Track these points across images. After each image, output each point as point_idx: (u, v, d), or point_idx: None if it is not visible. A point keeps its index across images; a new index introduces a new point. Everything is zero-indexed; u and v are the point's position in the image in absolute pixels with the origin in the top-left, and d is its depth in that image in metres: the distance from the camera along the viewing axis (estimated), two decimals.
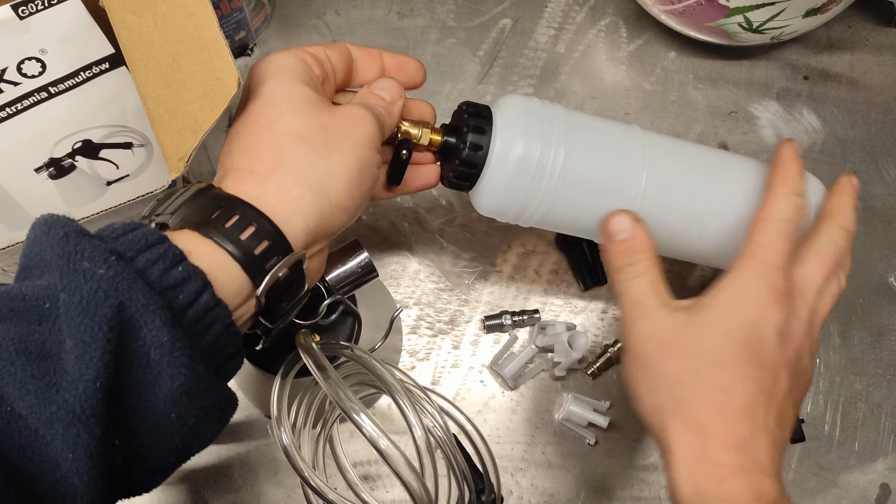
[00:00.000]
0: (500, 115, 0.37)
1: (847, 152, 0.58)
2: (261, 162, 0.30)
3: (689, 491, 0.32)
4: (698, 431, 0.32)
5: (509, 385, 0.51)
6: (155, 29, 0.33)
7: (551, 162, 0.36)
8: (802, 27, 0.54)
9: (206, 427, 0.28)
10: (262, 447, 0.50)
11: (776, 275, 0.34)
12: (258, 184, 0.30)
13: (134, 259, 0.26)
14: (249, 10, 0.56)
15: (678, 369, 0.33)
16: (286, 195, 0.30)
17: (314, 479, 0.34)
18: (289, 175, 0.30)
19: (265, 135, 0.31)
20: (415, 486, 0.32)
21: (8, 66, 0.37)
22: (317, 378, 0.34)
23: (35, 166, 0.42)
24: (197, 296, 0.27)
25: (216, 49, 0.32)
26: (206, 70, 0.32)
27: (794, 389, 0.34)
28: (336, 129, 0.32)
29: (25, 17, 0.36)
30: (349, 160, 0.31)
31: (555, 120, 0.37)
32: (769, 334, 0.33)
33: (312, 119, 0.32)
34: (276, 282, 0.29)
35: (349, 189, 0.31)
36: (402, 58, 0.39)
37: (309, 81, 0.33)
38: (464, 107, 0.38)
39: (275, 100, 0.32)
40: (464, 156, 0.36)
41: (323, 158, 0.31)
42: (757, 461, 0.32)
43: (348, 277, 0.38)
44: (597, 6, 0.61)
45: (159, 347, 0.25)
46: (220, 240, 0.28)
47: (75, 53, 0.38)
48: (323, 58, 0.35)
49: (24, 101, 0.39)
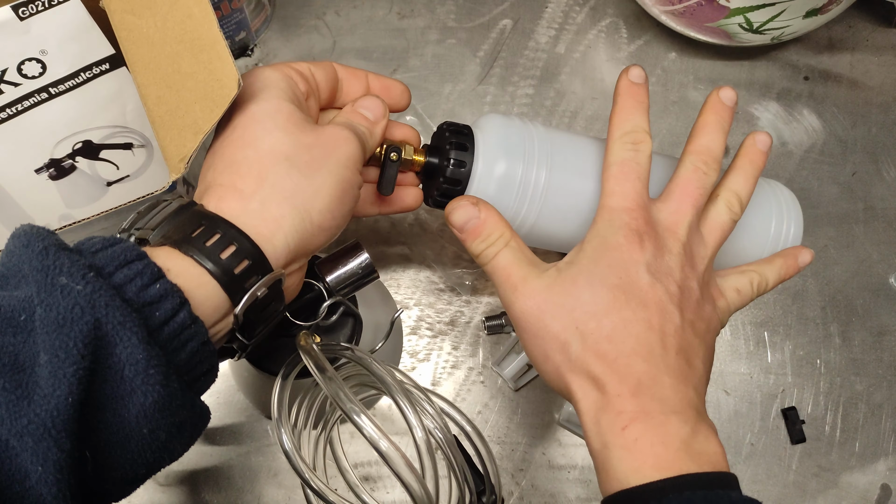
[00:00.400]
0: (482, 134, 0.37)
1: (847, 152, 0.58)
2: (244, 179, 0.30)
3: (597, 444, 0.31)
4: (596, 384, 0.31)
5: (510, 386, 0.51)
6: (155, 30, 0.33)
7: (534, 180, 0.36)
8: (803, 28, 0.54)
9: (177, 441, 0.28)
10: (262, 448, 0.50)
11: (630, 215, 0.33)
12: (241, 202, 0.30)
13: (112, 275, 0.26)
14: (250, 10, 0.56)
15: (561, 329, 0.32)
16: (268, 214, 0.30)
17: (315, 481, 0.34)
18: (272, 194, 0.30)
19: (249, 151, 0.31)
20: (415, 487, 0.32)
21: (8, 66, 0.37)
22: (317, 379, 0.34)
23: (35, 167, 0.42)
24: (174, 313, 0.27)
25: (216, 50, 0.32)
26: (206, 71, 0.32)
27: (696, 322, 0.33)
28: (320, 150, 0.32)
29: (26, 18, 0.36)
30: (332, 181, 0.32)
31: (535, 139, 0.37)
32: (640, 273, 0.32)
33: (297, 138, 0.32)
34: (255, 300, 0.30)
35: (331, 209, 0.32)
36: (387, 80, 0.39)
37: (294, 99, 0.33)
38: (444, 126, 0.38)
39: (260, 116, 0.32)
40: (448, 173, 0.36)
41: (306, 178, 0.31)
42: (662, 400, 0.31)
43: (349, 279, 0.38)
44: (597, 7, 0.61)
45: (134, 365, 0.25)
46: (200, 258, 0.28)
47: (76, 54, 0.38)
48: (308, 75, 0.35)
49: (25, 101, 0.39)
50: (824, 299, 0.54)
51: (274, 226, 0.30)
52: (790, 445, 0.51)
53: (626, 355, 0.31)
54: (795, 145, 0.58)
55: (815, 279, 0.55)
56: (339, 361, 0.39)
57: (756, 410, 0.52)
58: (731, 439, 0.51)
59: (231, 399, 0.51)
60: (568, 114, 0.58)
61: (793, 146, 0.58)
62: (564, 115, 0.58)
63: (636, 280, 0.32)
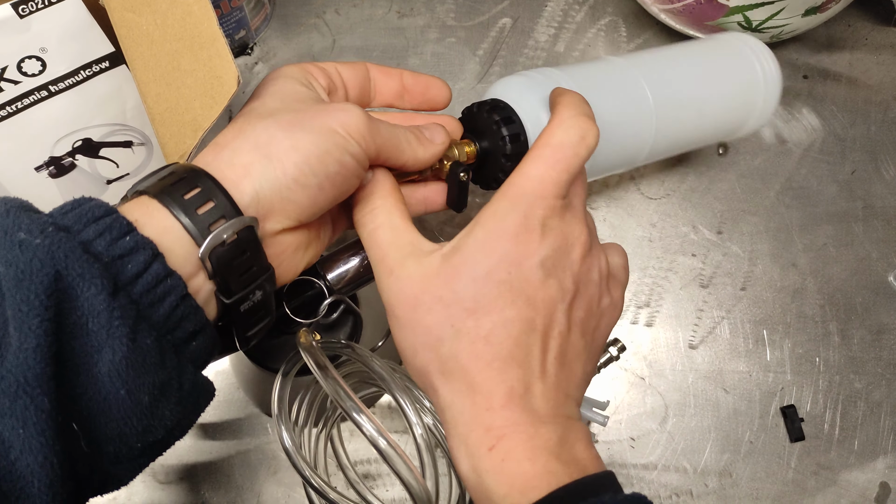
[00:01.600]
0: (513, 99, 0.37)
1: (846, 151, 0.58)
2: (224, 136, 0.30)
3: (466, 469, 0.28)
4: (467, 392, 0.29)
5: None
6: (155, 27, 0.33)
7: None
8: (802, 26, 0.54)
9: (164, 407, 0.27)
10: (262, 445, 0.50)
11: (542, 204, 0.30)
12: (214, 154, 0.30)
13: (80, 232, 0.26)
14: (249, 9, 0.56)
15: (435, 324, 0.29)
16: (237, 160, 0.29)
17: (315, 478, 0.34)
18: (244, 143, 0.29)
19: (240, 118, 0.31)
20: (414, 485, 0.32)
21: (8, 64, 0.37)
22: (317, 377, 0.34)
23: (35, 165, 0.42)
24: (146, 266, 0.26)
25: (216, 47, 0.32)
26: (205, 68, 0.32)
27: (587, 320, 0.31)
28: (311, 114, 0.30)
29: (26, 16, 0.36)
30: (313, 137, 0.29)
31: (561, 80, 0.38)
32: (533, 269, 0.29)
33: (289, 104, 0.31)
34: (223, 245, 0.28)
35: (309, 164, 0.29)
36: (425, 78, 0.37)
37: (307, 85, 0.33)
38: (474, 108, 0.37)
39: (265, 94, 0.32)
40: (508, 150, 0.35)
41: (284, 132, 0.29)
42: (532, 410, 0.28)
43: (350, 276, 0.38)
44: (596, 5, 0.61)
45: (96, 317, 0.25)
46: (166, 200, 0.27)
47: (75, 52, 0.38)
48: (332, 72, 0.35)
49: (25, 99, 0.39)
50: (823, 297, 0.54)
51: (241, 171, 0.29)
52: (789, 443, 0.51)
53: (502, 359, 0.28)
54: (795, 144, 0.58)
55: (814, 277, 0.55)
56: (339, 359, 0.39)
57: (755, 408, 0.52)
58: (730, 437, 0.51)
59: (231, 396, 0.51)
60: None
61: (792, 145, 0.58)
62: None
63: (528, 276, 0.29)
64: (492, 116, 0.36)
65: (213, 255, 0.28)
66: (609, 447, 0.51)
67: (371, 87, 0.37)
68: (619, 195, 0.56)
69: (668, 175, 0.57)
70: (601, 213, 0.56)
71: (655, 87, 0.40)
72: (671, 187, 0.57)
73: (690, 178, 0.57)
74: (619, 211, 0.56)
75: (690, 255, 0.55)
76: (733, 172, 0.57)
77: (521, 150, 0.35)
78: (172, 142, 0.32)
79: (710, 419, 0.51)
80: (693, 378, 0.52)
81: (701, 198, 0.56)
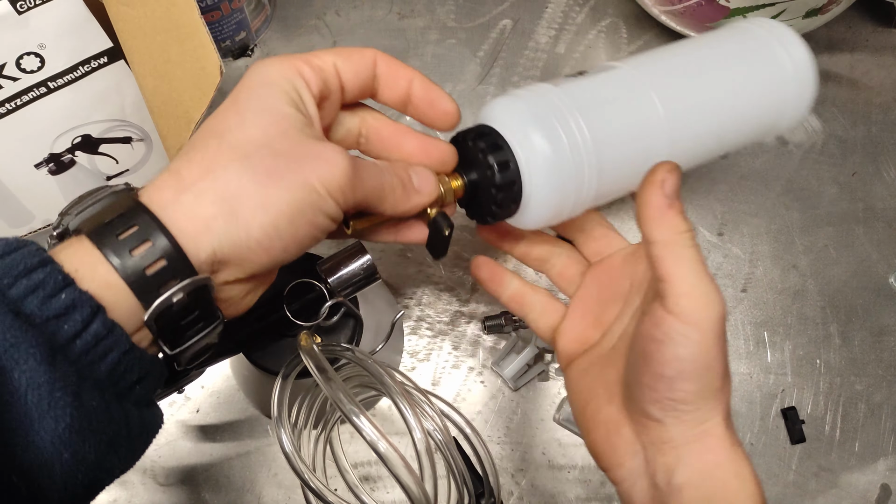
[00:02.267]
0: (501, 124, 0.33)
1: (847, 152, 0.58)
2: (190, 168, 0.27)
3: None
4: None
5: (510, 386, 0.51)
6: (146, 20, 0.33)
7: (578, 136, 0.32)
8: (802, 28, 0.54)
9: (113, 458, 0.25)
10: (262, 447, 0.50)
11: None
12: (175, 192, 0.26)
13: (11, 287, 0.23)
14: (250, 10, 0.55)
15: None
16: (199, 211, 0.26)
17: (314, 481, 0.34)
18: (210, 190, 0.26)
19: (213, 141, 0.27)
20: (413, 489, 0.32)
21: (7, 61, 0.37)
22: (317, 380, 0.33)
23: (35, 162, 0.42)
24: (85, 325, 0.24)
25: (198, 37, 0.32)
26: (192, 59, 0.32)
27: None
28: (290, 161, 0.27)
29: (24, 12, 0.36)
30: (288, 197, 0.26)
31: (551, 96, 0.34)
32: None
33: (271, 142, 0.27)
34: (171, 307, 0.26)
35: (276, 228, 0.26)
36: (436, 92, 0.32)
37: (296, 101, 0.28)
38: (460, 137, 0.34)
39: (245, 109, 0.28)
40: (497, 181, 0.32)
41: (257, 185, 0.26)
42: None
43: (351, 280, 0.38)
44: (597, 7, 0.61)
45: (36, 389, 0.23)
46: (109, 253, 0.25)
47: (74, 48, 0.38)
48: (329, 72, 0.30)
49: (24, 96, 0.39)
50: (824, 299, 0.54)
51: (201, 226, 0.26)
52: (790, 445, 0.51)
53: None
54: (795, 145, 0.58)
55: (814, 279, 0.55)
56: (339, 362, 0.39)
57: (756, 410, 0.52)
58: None
59: (231, 398, 0.51)
60: None
61: (793, 146, 0.58)
62: None
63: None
64: (477, 144, 0.33)
65: (160, 318, 0.26)
66: None
67: (374, 84, 0.32)
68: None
69: None
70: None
71: (666, 98, 0.35)
72: None
73: (691, 179, 0.57)
74: (619, 213, 0.56)
75: None
76: (734, 174, 0.57)
77: (511, 179, 0.32)
78: (171, 134, 0.32)
79: None
80: None
81: (701, 199, 0.56)
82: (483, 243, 0.54)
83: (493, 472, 0.39)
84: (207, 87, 0.31)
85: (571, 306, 0.36)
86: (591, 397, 0.33)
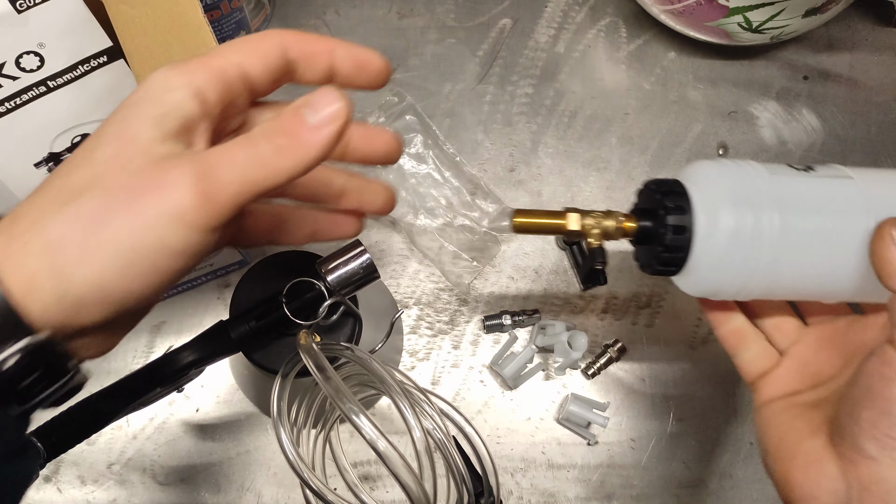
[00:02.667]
0: (696, 187, 0.33)
1: (847, 152, 0.58)
2: (28, 212, 0.24)
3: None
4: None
5: (509, 385, 0.51)
6: (147, 19, 0.33)
7: (767, 225, 0.31)
8: (802, 27, 0.54)
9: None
10: (261, 447, 0.50)
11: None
12: (7, 241, 0.24)
13: None
14: (249, 9, 0.55)
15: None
16: (24, 265, 0.23)
17: (313, 480, 0.34)
18: (35, 241, 0.23)
19: (57, 180, 0.24)
20: (413, 488, 0.32)
21: (6, 60, 0.37)
22: (317, 379, 0.33)
23: (34, 161, 0.42)
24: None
25: (201, 36, 0.32)
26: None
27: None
28: (125, 199, 0.23)
29: (23, 11, 0.36)
30: (116, 243, 0.23)
31: (756, 178, 0.32)
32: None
33: (110, 177, 0.24)
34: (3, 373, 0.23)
35: (105, 280, 0.23)
36: (362, 53, 0.28)
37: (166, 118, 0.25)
38: (652, 186, 0.34)
39: (101, 135, 0.25)
40: (667, 240, 0.32)
41: (82, 233, 0.23)
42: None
43: (350, 279, 0.38)
44: (596, 6, 0.61)
45: None
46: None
47: (73, 47, 0.38)
48: (231, 73, 0.26)
49: (23, 95, 0.39)
50: None
51: (27, 283, 0.23)
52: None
53: None
54: (795, 145, 0.58)
55: None
56: (338, 361, 0.39)
57: None
58: (730, 438, 0.51)
59: (230, 397, 0.51)
60: (567, 113, 0.58)
61: (792, 145, 0.58)
62: (564, 115, 0.58)
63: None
64: (663, 200, 0.33)
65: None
66: (609, 448, 0.50)
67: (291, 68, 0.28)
68: (620, 196, 0.56)
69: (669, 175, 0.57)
70: None
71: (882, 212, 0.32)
72: None
73: None
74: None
75: None
76: None
77: (680, 245, 0.32)
78: None
79: (710, 420, 0.51)
80: (693, 379, 0.52)
81: None
82: (480, 243, 0.54)
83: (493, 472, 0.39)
84: None
85: (788, 359, 0.36)
86: (790, 431, 0.33)
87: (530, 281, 0.54)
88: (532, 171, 0.57)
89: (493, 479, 0.38)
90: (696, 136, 0.58)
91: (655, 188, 0.33)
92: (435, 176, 0.55)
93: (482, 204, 0.55)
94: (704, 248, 0.32)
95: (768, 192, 0.32)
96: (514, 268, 0.54)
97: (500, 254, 0.54)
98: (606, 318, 0.53)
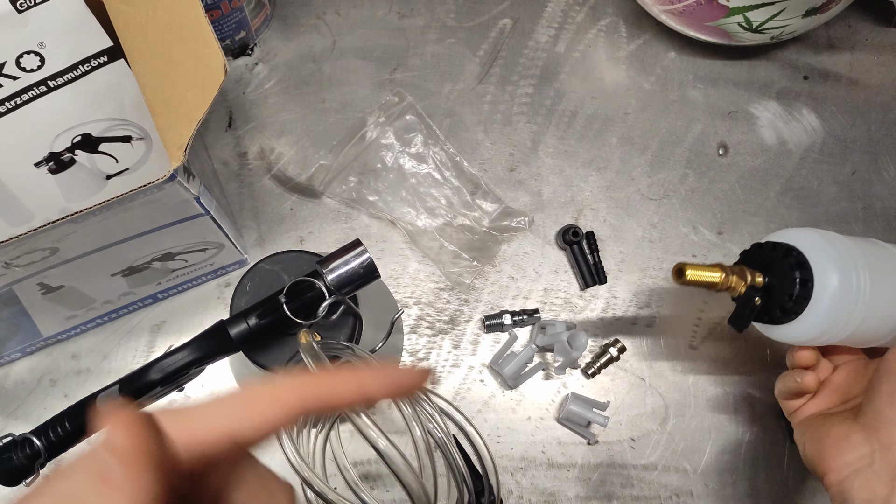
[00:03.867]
0: (806, 249, 0.40)
1: (847, 152, 0.58)
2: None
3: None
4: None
5: (509, 384, 0.51)
6: (147, 19, 0.33)
7: (862, 284, 0.39)
8: (802, 27, 0.54)
9: None
10: (260, 446, 0.50)
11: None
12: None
13: None
14: (249, 9, 0.55)
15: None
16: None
17: (314, 479, 0.34)
18: None
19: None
20: (413, 486, 0.32)
21: (7, 60, 0.37)
22: None
23: (35, 161, 0.42)
24: None
25: (202, 36, 0.32)
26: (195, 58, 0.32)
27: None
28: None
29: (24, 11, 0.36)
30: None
31: (851, 246, 0.40)
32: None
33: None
34: None
35: None
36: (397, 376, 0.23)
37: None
38: (768, 246, 0.41)
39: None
40: (796, 292, 0.39)
41: None
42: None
43: (350, 278, 0.38)
44: (596, 6, 0.61)
45: None
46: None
47: (73, 47, 0.38)
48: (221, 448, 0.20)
49: (24, 95, 0.39)
50: None
51: None
52: (789, 444, 0.51)
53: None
54: (795, 145, 0.58)
55: None
56: (339, 360, 0.39)
57: (755, 409, 0.52)
58: (730, 438, 0.51)
59: None
60: (567, 113, 0.58)
61: (792, 145, 0.58)
62: (564, 115, 0.58)
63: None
64: (787, 259, 0.40)
65: None
66: (609, 448, 0.50)
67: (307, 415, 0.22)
68: (620, 195, 0.56)
69: (669, 175, 0.57)
70: (601, 214, 0.56)
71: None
72: (671, 188, 0.57)
73: (690, 178, 0.57)
74: (619, 211, 0.56)
75: (691, 256, 0.55)
76: (734, 173, 0.57)
77: (805, 296, 0.39)
78: (171, 133, 0.32)
79: (710, 420, 0.51)
80: (693, 379, 0.52)
81: (701, 198, 0.56)
82: (480, 242, 0.54)
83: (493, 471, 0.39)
84: (211, 86, 0.31)
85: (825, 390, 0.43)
86: (823, 425, 0.40)
87: (530, 281, 0.54)
88: (532, 170, 0.57)
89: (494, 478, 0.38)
90: (696, 136, 0.58)
91: (773, 248, 0.41)
92: (435, 176, 0.55)
93: (482, 204, 0.55)
94: (817, 300, 0.39)
95: (859, 254, 0.40)
96: (515, 267, 0.54)
97: (500, 253, 0.54)
98: (606, 318, 0.53)
